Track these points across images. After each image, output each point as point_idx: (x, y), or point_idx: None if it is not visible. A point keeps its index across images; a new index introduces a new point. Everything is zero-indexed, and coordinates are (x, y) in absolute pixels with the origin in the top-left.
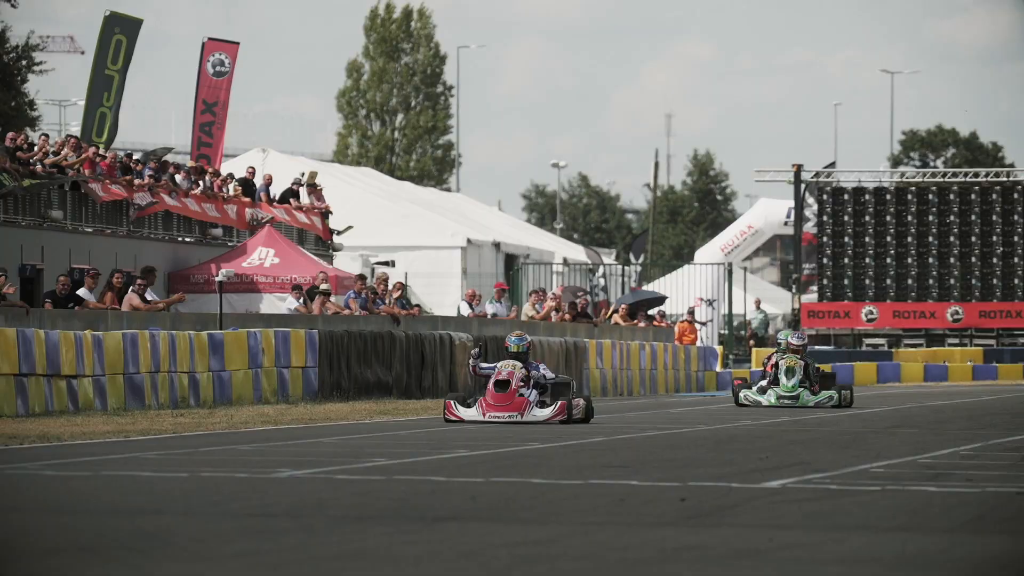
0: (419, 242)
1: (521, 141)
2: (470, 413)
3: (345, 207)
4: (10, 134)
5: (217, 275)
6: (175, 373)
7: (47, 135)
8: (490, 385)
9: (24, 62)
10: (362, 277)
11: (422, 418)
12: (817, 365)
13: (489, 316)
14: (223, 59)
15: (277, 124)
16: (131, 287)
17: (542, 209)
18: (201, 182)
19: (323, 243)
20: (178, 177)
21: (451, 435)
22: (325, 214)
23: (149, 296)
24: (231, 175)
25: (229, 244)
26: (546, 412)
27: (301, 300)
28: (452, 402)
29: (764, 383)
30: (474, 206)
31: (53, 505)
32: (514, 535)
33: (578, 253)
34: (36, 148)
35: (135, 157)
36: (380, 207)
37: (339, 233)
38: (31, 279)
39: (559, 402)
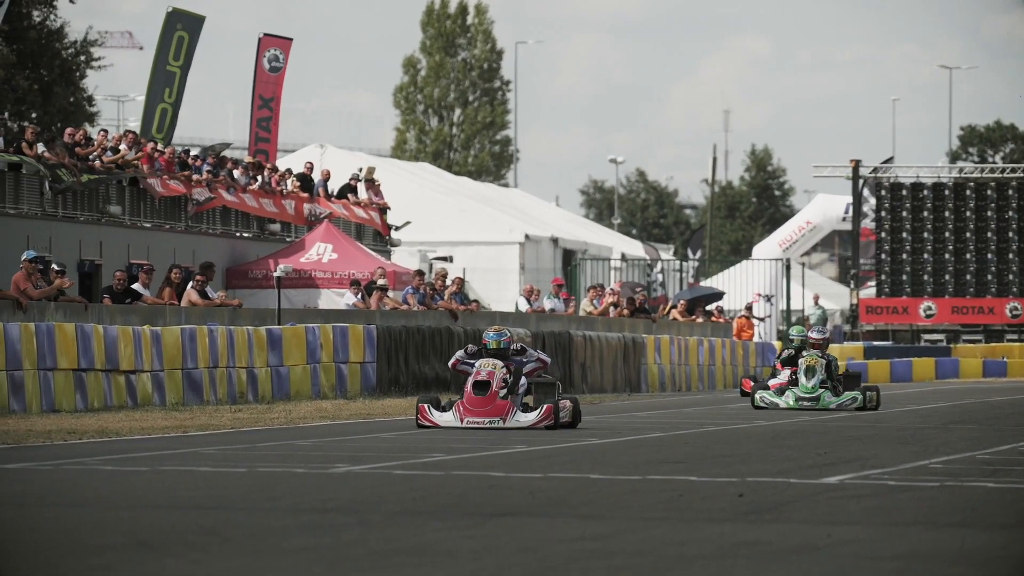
0: (477, 238)
1: (579, 136)
2: (446, 418)
3: (403, 203)
4: (68, 130)
5: (275, 271)
6: (233, 368)
7: (106, 131)
8: (468, 386)
9: (83, 58)
10: (420, 273)
11: None
12: (839, 363)
13: (547, 311)
14: (277, 54)
15: (335, 120)
16: (190, 283)
17: (600, 205)
18: (259, 177)
19: (381, 238)
20: (236, 173)
21: (510, 432)
22: (383, 209)
23: (210, 292)
24: (289, 171)
25: (287, 240)
26: (530, 417)
27: (359, 295)
28: (426, 406)
29: (775, 380)
30: (532, 202)
31: (111, 500)
32: (572, 531)
33: (636, 249)
34: (94, 144)
35: (193, 153)
36: (438, 203)
37: (397, 229)
38: (90, 274)
39: (544, 406)
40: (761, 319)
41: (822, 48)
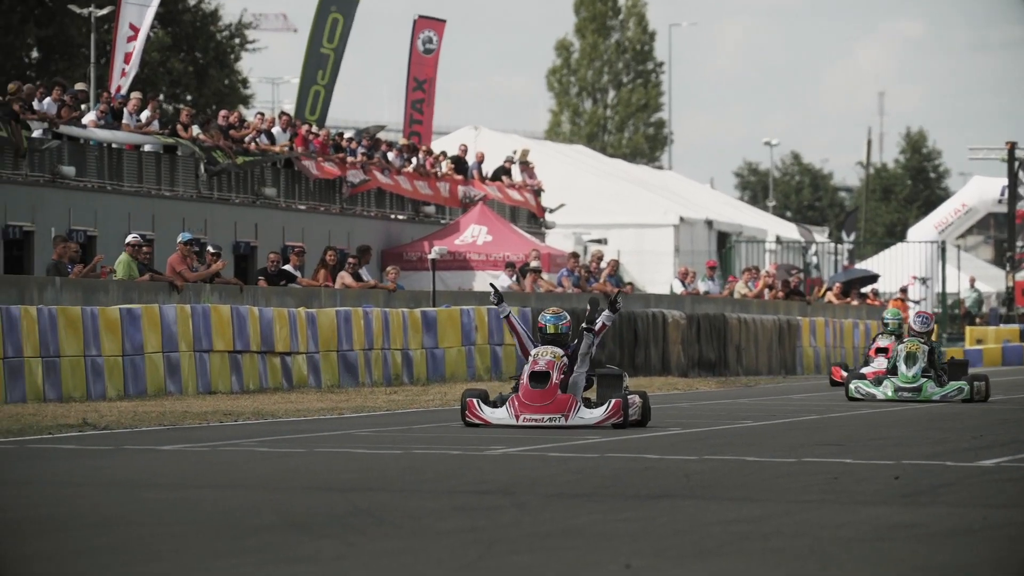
0: (632, 220)
1: (733, 119)
2: (498, 415)
3: (558, 185)
4: (223, 112)
5: (430, 253)
6: (388, 350)
7: (262, 114)
8: (524, 379)
9: (237, 40)
10: (575, 255)
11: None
12: (944, 350)
13: (702, 293)
14: (432, 36)
15: (489, 102)
16: (344, 265)
17: (755, 187)
18: (414, 159)
19: (536, 221)
20: (391, 155)
21: (666, 412)
22: (537, 192)
23: (364, 275)
24: (444, 153)
25: (442, 222)
26: (597, 413)
27: (514, 277)
28: (475, 400)
29: (869, 368)
30: (686, 184)
31: (267, 482)
32: (727, 513)
33: (791, 231)
34: (249, 126)
35: (348, 135)
36: (592, 185)
37: (552, 211)
38: (245, 256)
39: (612, 400)
40: (916, 302)
41: (977, 29)
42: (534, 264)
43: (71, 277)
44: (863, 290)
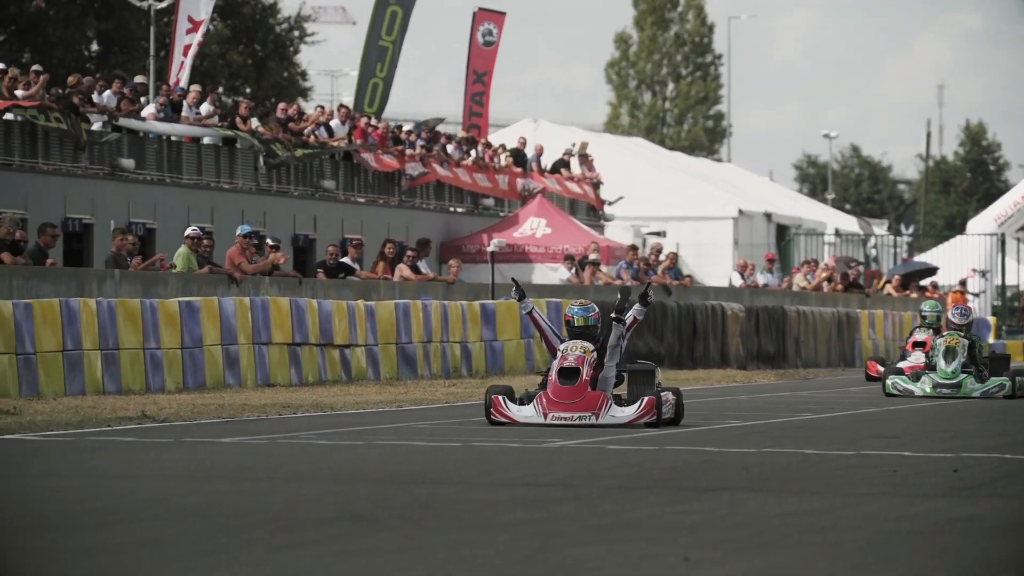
0: (690, 212)
1: (792, 111)
2: (525, 413)
3: (616, 177)
4: (281, 105)
5: (489, 245)
6: (447, 343)
7: (323, 107)
8: (552, 375)
9: (296, 33)
10: (634, 247)
11: (693, 388)
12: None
13: (761, 286)
14: (491, 29)
15: (547, 94)
16: (403, 257)
17: (814, 179)
18: (473, 152)
19: (595, 213)
20: (449, 147)
21: (722, 405)
22: (596, 184)
23: (422, 267)
24: (503, 145)
25: (500, 214)
26: (628, 412)
27: (573, 270)
28: (500, 398)
29: (906, 363)
30: (745, 176)
31: (326, 474)
32: (786, 505)
33: (850, 223)
34: (308, 119)
35: (406, 128)
36: (651, 177)
37: (611, 203)
38: (304, 249)
39: (645, 398)
40: (976, 294)
41: None
42: (593, 257)
43: (130, 270)
44: (922, 283)
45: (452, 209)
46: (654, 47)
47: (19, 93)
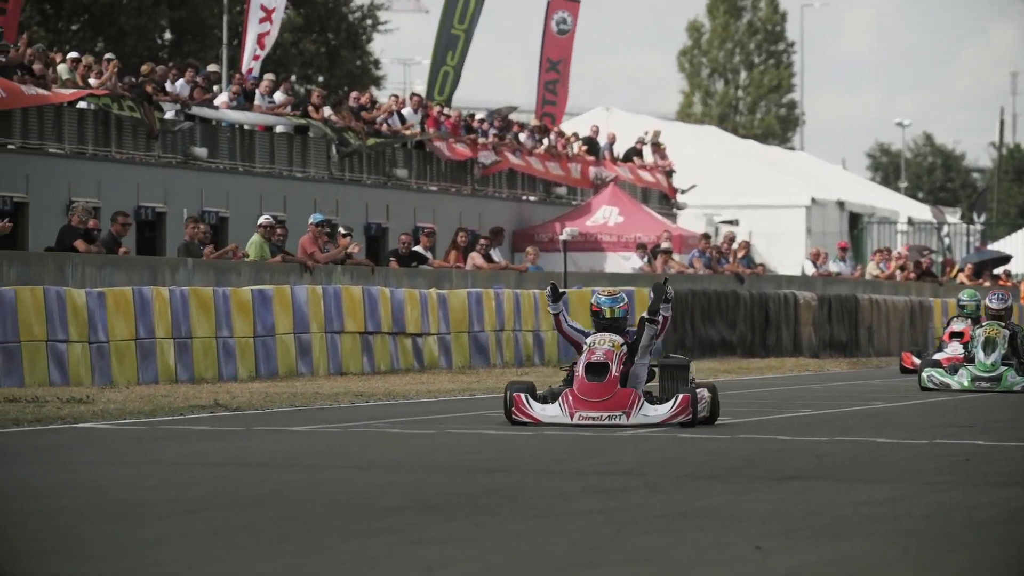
0: (763, 201)
1: (865, 99)
2: (550, 412)
3: (689, 166)
4: (354, 93)
5: (561, 234)
6: (520, 331)
7: (397, 95)
8: (579, 370)
9: (369, 21)
10: (706, 236)
11: (765, 377)
12: None
13: (833, 275)
14: (566, 17)
15: (620, 82)
16: (476, 246)
17: (886, 168)
18: (545, 140)
19: (667, 202)
20: (522, 136)
21: (795, 394)
22: (669, 173)
23: (495, 256)
24: (575, 134)
25: (573, 203)
26: (662, 411)
27: (645, 259)
28: (523, 396)
29: (943, 354)
30: (818, 165)
31: (398, 462)
32: (859, 494)
33: (923, 212)
34: (380, 107)
35: (479, 116)
36: (724, 166)
37: (683, 192)
38: (376, 238)
39: (679, 395)
40: None
41: None
42: (665, 245)
43: (203, 258)
44: (995, 271)
45: (524, 197)
46: (727, 35)
47: (92, 82)
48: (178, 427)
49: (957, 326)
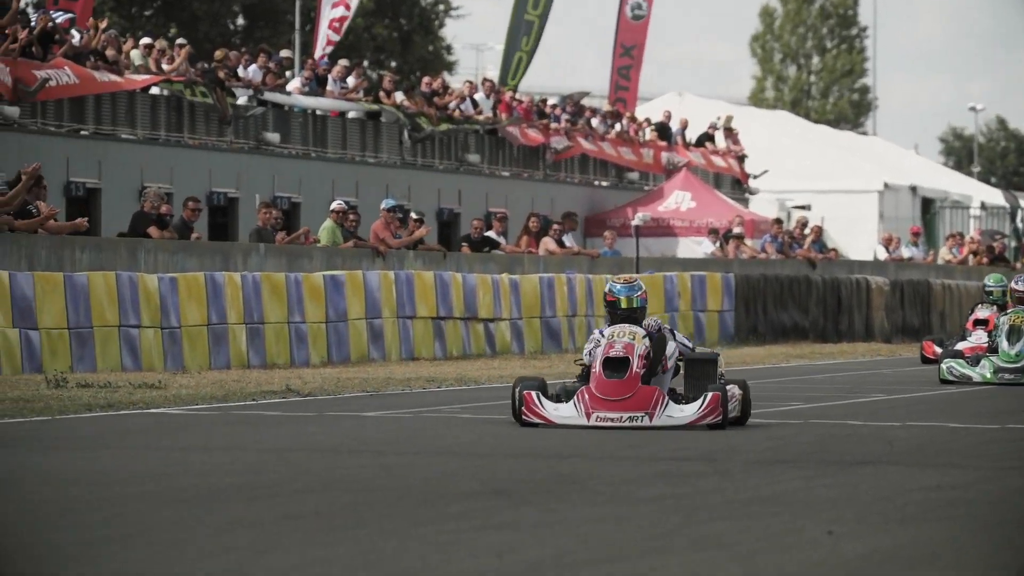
0: (835, 186)
1: (938, 84)
2: (564, 412)
3: (761, 151)
4: (426, 78)
5: (633, 219)
6: (592, 317)
7: (471, 81)
8: (596, 367)
9: (441, 7)
10: (779, 221)
11: (837, 361)
12: None
13: (905, 259)
14: (640, 3)
15: (692, 68)
16: (548, 231)
17: (959, 152)
18: (617, 125)
19: (739, 187)
20: (594, 121)
21: (866, 379)
22: (741, 158)
23: (567, 241)
24: (647, 119)
25: (645, 188)
26: (689, 411)
27: (717, 244)
28: (534, 394)
29: (966, 343)
30: (891, 149)
31: (469, 448)
32: (930, 479)
33: (996, 197)
34: (453, 92)
35: (551, 101)
36: (796, 151)
37: (755, 177)
38: (448, 223)
39: (708, 394)
40: None
41: None
42: (737, 231)
43: (275, 244)
44: None
45: (596, 183)
46: (799, 20)
47: (164, 67)
48: (250, 412)
49: (982, 313)
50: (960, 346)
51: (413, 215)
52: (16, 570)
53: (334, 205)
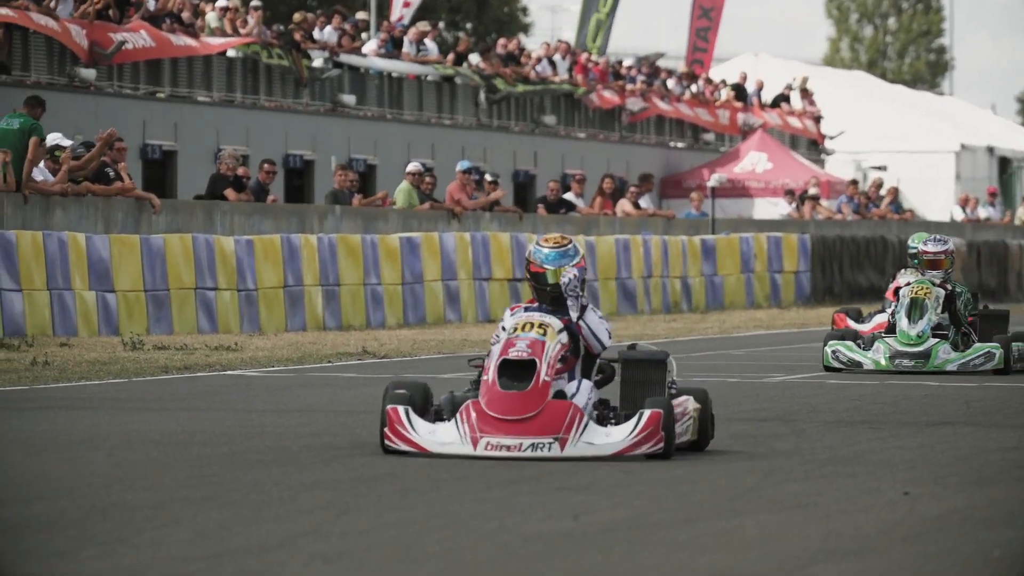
0: (912, 147)
1: (1015, 44)
2: (442, 437)
3: (837, 112)
4: (502, 40)
5: (709, 180)
6: (667, 278)
7: (548, 43)
8: (490, 373)
9: None
10: (854, 182)
11: None
12: (971, 294)
13: (982, 220)
14: None
15: (768, 28)
16: (624, 192)
17: None
18: (693, 87)
19: (815, 148)
20: (670, 82)
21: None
22: (817, 119)
23: (643, 203)
24: (723, 80)
25: (720, 149)
26: (618, 436)
27: (793, 205)
28: (400, 409)
29: (880, 318)
30: (967, 110)
31: None
32: (1007, 440)
33: None
34: (529, 54)
35: (627, 63)
36: (872, 111)
37: (831, 138)
38: (524, 185)
39: (647, 412)
40: None
41: None
42: (813, 191)
43: (352, 206)
44: None
45: (672, 144)
46: None
47: (240, 30)
48: (326, 374)
49: (903, 279)
50: (875, 320)
51: (488, 177)
52: (96, 529)
53: (410, 167)
